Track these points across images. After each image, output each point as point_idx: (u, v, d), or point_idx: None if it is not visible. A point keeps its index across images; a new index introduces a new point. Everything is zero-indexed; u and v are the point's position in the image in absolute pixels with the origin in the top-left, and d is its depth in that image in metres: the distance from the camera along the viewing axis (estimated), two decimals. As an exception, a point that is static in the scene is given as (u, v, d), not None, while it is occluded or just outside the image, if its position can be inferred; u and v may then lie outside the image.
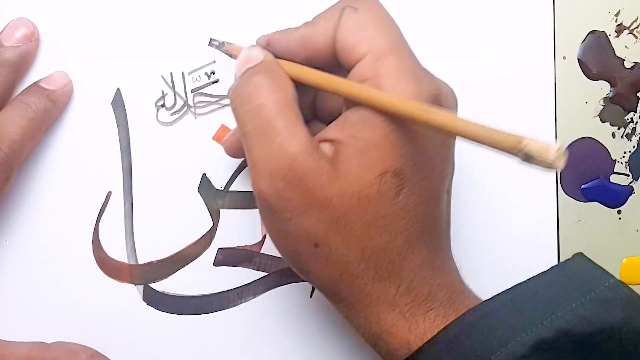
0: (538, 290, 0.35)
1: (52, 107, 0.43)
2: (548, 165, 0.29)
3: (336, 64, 0.36)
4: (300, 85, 0.36)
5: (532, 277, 0.36)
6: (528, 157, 0.29)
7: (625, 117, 0.46)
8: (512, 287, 0.35)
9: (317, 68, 0.36)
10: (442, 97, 0.35)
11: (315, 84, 0.36)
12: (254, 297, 0.44)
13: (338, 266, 0.35)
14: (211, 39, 0.42)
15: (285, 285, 0.45)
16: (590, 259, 0.37)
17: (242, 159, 0.44)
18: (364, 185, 0.34)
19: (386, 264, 0.35)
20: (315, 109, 0.40)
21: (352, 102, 0.35)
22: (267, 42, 0.38)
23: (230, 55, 0.40)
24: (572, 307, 0.34)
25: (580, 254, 0.37)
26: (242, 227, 0.44)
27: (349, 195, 0.34)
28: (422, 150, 0.35)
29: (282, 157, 0.34)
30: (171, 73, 0.44)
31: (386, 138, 0.33)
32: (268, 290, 0.45)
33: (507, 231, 0.45)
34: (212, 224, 0.44)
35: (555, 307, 0.34)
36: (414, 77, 0.34)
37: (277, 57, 0.37)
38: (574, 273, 0.36)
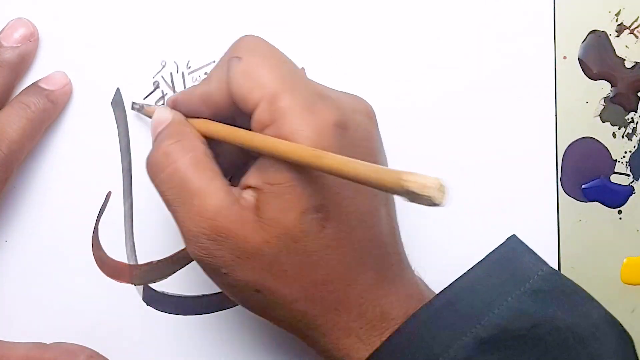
0: (474, 285, 0.36)
1: (52, 107, 0.43)
2: (430, 203, 0.28)
3: (240, 113, 0.36)
4: None
5: (469, 269, 0.36)
6: (411, 195, 0.28)
7: (626, 117, 0.46)
8: (450, 285, 0.36)
9: (226, 120, 0.37)
10: (348, 119, 0.35)
11: (222, 138, 0.36)
12: (254, 298, 0.44)
13: (285, 306, 0.35)
14: (133, 103, 0.43)
15: (285, 286, 0.45)
16: (522, 242, 0.38)
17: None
18: (287, 227, 0.34)
19: (330, 296, 0.35)
20: None
21: None
22: (173, 103, 0.38)
23: (150, 117, 0.41)
24: (508, 301, 0.34)
25: (513, 236, 0.38)
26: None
27: (275, 240, 0.34)
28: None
29: (202, 219, 0.34)
30: (171, 73, 0.44)
31: (299, 178, 0.34)
32: (268, 290, 0.45)
33: (507, 231, 0.45)
34: (212, 224, 0.44)
35: (492, 303, 0.34)
36: (311, 111, 0.34)
37: (185, 115, 0.38)
38: (509, 261, 0.36)
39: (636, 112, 0.46)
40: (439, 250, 0.45)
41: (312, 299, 0.35)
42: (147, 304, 0.44)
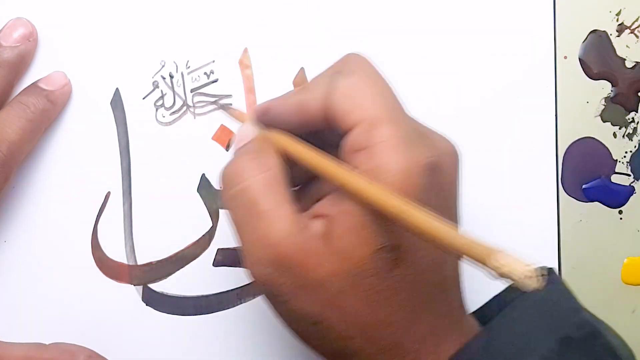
0: (512, 330, 0.35)
1: (51, 107, 0.43)
2: (522, 286, 0.26)
3: (331, 128, 0.35)
4: None
5: (507, 309, 0.35)
6: (501, 275, 0.27)
7: (627, 117, 0.46)
8: (487, 327, 0.35)
9: (312, 132, 0.36)
10: (440, 161, 0.34)
11: (305, 164, 0.35)
12: (254, 298, 0.44)
13: (339, 342, 0.34)
14: (218, 100, 0.43)
15: (284, 286, 0.45)
16: (562, 281, 0.37)
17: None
18: (358, 262, 0.32)
19: (388, 337, 0.34)
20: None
21: None
22: (266, 110, 0.37)
23: (234, 117, 0.41)
24: (543, 353, 0.33)
25: (552, 272, 0.37)
26: (241, 228, 0.44)
27: (343, 273, 0.33)
28: None
29: (268, 244, 0.33)
30: (170, 73, 0.44)
31: (377, 213, 0.32)
32: (268, 290, 0.45)
33: (507, 231, 0.45)
34: (211, 225, 0.44)
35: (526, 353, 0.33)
36: (407, 147, 0.33)
37: (274, 124, 0.37)
38: (547, 304, 0.35)
39: (637, 112, 0.46)
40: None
41: (370, 338, 0.34)
42: (147, 304, 0.44)
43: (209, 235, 0.44)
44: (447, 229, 0.29)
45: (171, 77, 0.44)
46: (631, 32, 0.45)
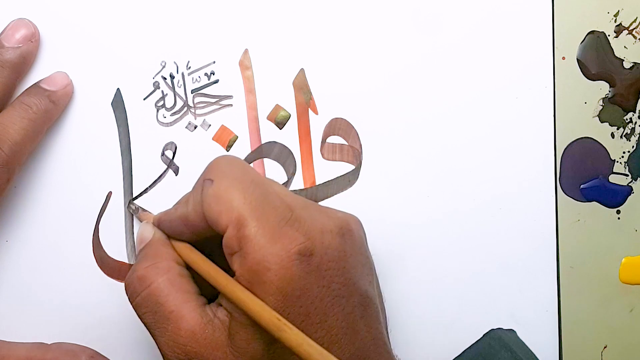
0: None
1: (53, 108, 0.43)
2: None
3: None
4: None
5: None
6: None
7: (625, 117, 0.46)
8: None
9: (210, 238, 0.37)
10: (312, 245, 0.34)
11: (197, 269, 0.37)
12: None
13: None
14: (129, 202, 0.44)
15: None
16: (501, 337, 0.38)
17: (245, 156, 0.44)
18: (254, 357, 0.34)
19: None
20: None
21: None
22: (158, 222, 0.39)
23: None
24: None
25: (492, 331, 0.38)
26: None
27: None
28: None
29: (176, 344, 0.35)
30: (171, 73, 0.44)
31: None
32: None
33: (506, 231, 0.45)
34: (211, 224, 0.44)
35: None
36: (273, 241, 0.34)
37: (169, 234, 0.39)
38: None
39: (635, 112, 0.46)
40: (438, 249, 0.45)
41: None
42: (147, 304, 0.44)
43: (209, 235, 0.44)
44: (313, 348, 0.31)
45: (172, 77, 0.44)
46: (629, 33, 0.45)
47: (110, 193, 0.44)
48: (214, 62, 0.44)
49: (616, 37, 0.45)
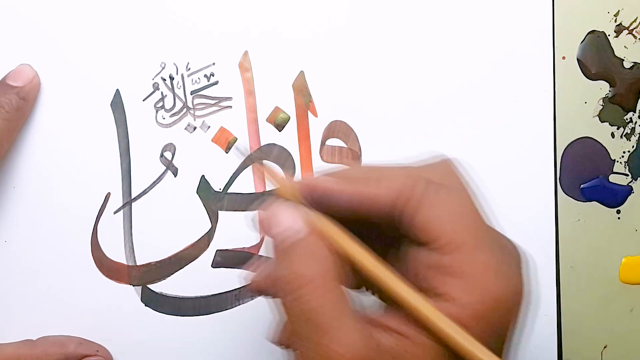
0: None
1: (24, 104, 0.42)
2: None
3: (389, 224, 0.32)
4: None
5: None
6: None
7: (625, 117, 0.46)
8: None
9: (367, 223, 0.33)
10: (523, 295, 0.32)
11: (364, 271, 0.32)
12: (252, 299, 0.45)
13: None
14: (242, 150, 0.42)
15: (283, 286, 0.45)
16: None
17: (240, 162, 0.44)
18: None
19: None
20: None
21: None
22: (322, 193, 0.33)
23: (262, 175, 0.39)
24: None
25: None
26: (240, 229, 0.44)
27: None
28: None
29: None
30: (170, 75, 0.44)
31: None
32: (266, 291, 0.45)
33: (506, 231, 0.45)
34: (210, 226, 0.45)
35: None
36: (498, 277, 0.31)
37: (320, 205, 0.33)
38: None
39: (635, 112, 0.46)
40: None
41: None
42: (145, 305, 0.44)
43: (208, 236, 0.45)
44: None
45: (171, 79, 0.44)
46: (629, 33, 0.45)
47: (109, 194, 0.44)
48: (214, 64, 0.44)
49: (616, 36, 0.45)
